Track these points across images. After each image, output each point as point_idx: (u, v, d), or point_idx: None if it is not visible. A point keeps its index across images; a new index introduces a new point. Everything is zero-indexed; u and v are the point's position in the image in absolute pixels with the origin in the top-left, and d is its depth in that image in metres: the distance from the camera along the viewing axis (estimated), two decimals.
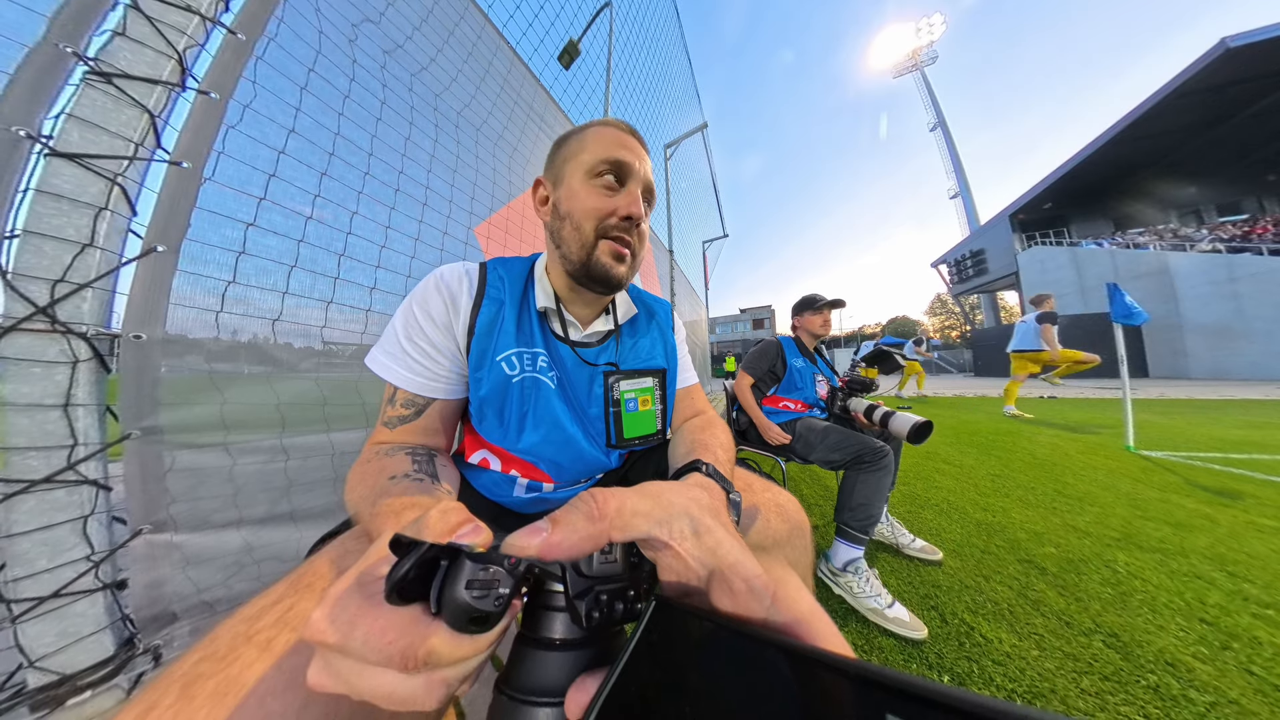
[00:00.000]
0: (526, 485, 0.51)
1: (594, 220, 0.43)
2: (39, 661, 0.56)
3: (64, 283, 0.59)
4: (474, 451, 0.51)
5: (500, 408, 0.46)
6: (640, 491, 0.20)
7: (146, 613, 0.65)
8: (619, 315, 0.53)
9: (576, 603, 0.19)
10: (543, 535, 0.17)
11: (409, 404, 0.44)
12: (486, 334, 0.45)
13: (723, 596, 0.17)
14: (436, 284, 0.45)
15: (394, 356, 0.44)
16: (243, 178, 0.79)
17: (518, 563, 0.17)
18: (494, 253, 1.45)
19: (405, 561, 0.15)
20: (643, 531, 0.18)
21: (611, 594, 0.19)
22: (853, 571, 1.05)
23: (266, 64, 0.82)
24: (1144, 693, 0.75)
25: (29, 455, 0.56)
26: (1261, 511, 1.63)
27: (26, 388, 0.56)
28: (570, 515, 0.18)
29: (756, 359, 1.50)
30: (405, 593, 0.15)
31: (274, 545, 0.81)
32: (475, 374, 0.45)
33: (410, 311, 0.44)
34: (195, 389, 0.73)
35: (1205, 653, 0.85)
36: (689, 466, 0.37)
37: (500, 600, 0.16)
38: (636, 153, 0.45)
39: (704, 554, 0.18)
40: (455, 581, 0.16)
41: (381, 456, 0.38)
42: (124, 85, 0.64)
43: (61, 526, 0.58)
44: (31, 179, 0.58)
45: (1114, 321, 2.70)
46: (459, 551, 0.16)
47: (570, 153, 0.46)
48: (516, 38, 1.66)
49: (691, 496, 0.21)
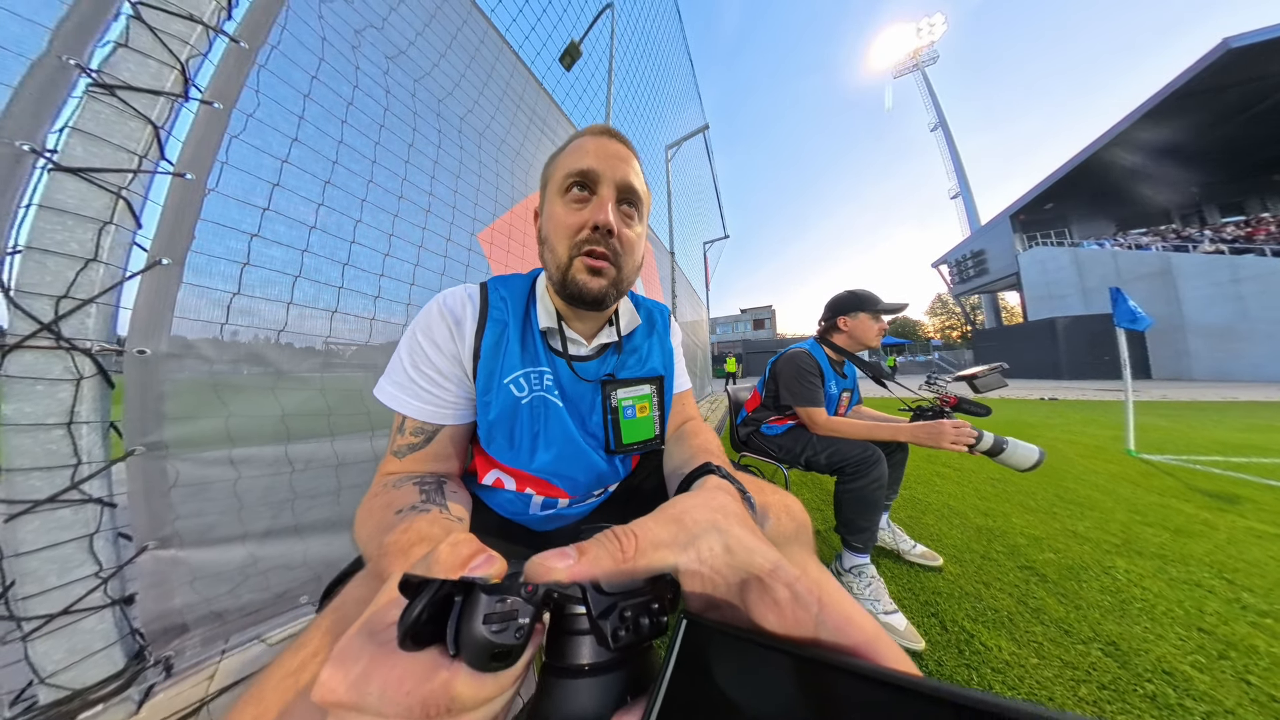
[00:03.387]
0: (542, 503, 0.51)
1: (566, 239, 0.41)
2: (49, 678, 0.56)
3: (68, 299, 0.59)
4: (487, 472, 0.51)
5: (510, 430, 0.46)
6: (662, 518, 0.20)
7: (157, 625, 0.66)
8: (622, 326, 0.52)
9: (601, 623, 0.18)
10: (570, 561, 0.17)
11: (418, 431, 0.44)
12: (492, 356, 0.45)
13: (764, 608, 0.16)
14: (440, 310, 0.45)
15: (401, 386, 0.44)
16: (247, 188, 0.79)
17: (535, 590, 0.16)
18: (497, 258, 1.44)
19: (417, 603, 0.14)
20: (669, 564, 0.18)
21: (635, 609, 0.18)
22: (856, 575, 1.06)
23: (270, 72, 0.81)
24: (1141, 701, 0.76)
25: (32, 475, 0.56)
26: (1260, 517, 1.64)
27: (30, 407, 0.56)
28: (597, 551, 0.18)
29: (811, 387, 1.22)
30: (419, 636, 0.15)
31: (281, 556, 0.81)
32: (483, 398, 0.45)
33: (415, 340, 0.44)
34: (200, 403, 0.73)
35: (1203, 661, 0.85)
36: (700, 470, 0.36)
37: (521, 632, 0.15)
38: (607, 157, 0.41)
39: (737, 566, 0.18)
40: (472, 617, 0.15)
41: (388, 490, 0.38)
42: (127, 97, 0.63)
43: (68, 545, 0.58)
44: (35, 194, 0.58)
45: (1117, 326, 2.70)
46: (473, 585, 0.16)
47: (549, 174, 0.45)
48: (519, 41, 1.65)
49: (716, 506, 0.21)
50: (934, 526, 1.55)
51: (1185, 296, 14.92)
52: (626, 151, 0.43)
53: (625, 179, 0.42)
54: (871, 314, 1.24)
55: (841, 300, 1.28)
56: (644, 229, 0.47)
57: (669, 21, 4.77)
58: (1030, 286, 21.45)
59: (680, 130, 5.24)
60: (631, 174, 0.42)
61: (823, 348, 1.32)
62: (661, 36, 4.43)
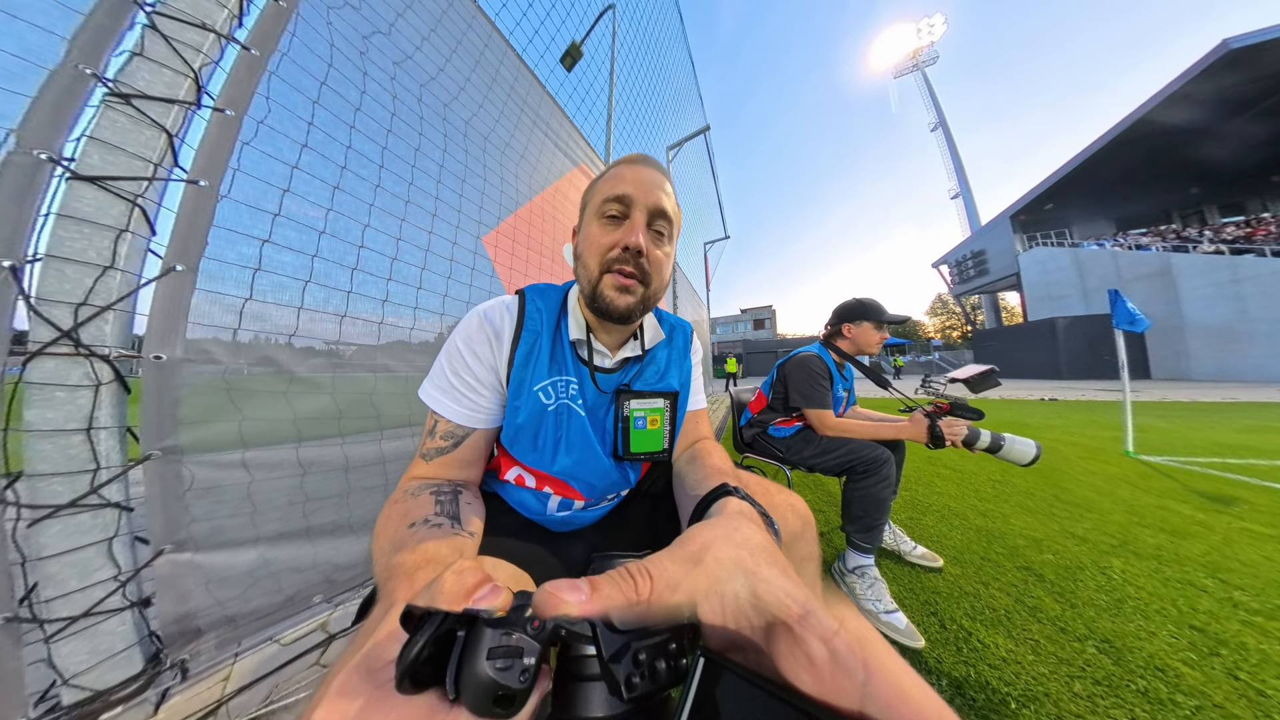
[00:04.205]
0: (559, 503, 0.53)
1: (598, 257, 0.45)
2: (73, 679, 0.57)
3: (86, 305, 0.60)
4: (508, 469, 0.54)
5: (535, 434, 0.49)
6: (680, 555, 0.19)
7: (173, 629, 0.67)
8: (646, 340, 0.55)
9: (613, 667, 0.16)
10: (581, 596, 0.16)
11: (448, 435, 0.47)
12: (524, 365, 0.48)
13: (795, 664, 0.14)
14: (480, 322, 0.48)
15: (443, 390, 0.47)
16: (258, 194, 0.80)
17: (543, 625, 0.15)
18: (502, 262, 1.45)
19: (417, 639, 0.14)
20: (686, 614, 0.17)
21: (651, 651, 0.17)
22: (859, 575, 1.08)
23: (280, 79, 0.82)
24: (1133, 696, 0.78)
25: (54, 480, 0.57)
26: (1255, 518, 1.66)
27: (51, 413, 0.57)
28: (610, 589, 0.17)
29: (822, 390, 1.26)
30: (418, 678, 0.14)
31: (292, 558, 0.82)
32: (513, 402, 0.48)
33: (457, 348, 0.47)
34: (213, 407, 0.74)
35: (1194, 658, 0.88)
36: (718, 491, 0.36)
37: (526, 675, 0.14)
38: (641, 184, 0.45)
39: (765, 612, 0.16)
40: (475, 654, 0.14)
41: (407, 498, 0.40)
42: (143, 106, 0.64)
43: (88, 548, 0.59)
44: (53, 203, 0.59)
45: (1116, 327, 2.72)
46: (476, 618, 0.15)
47: (588, 198, 0.49)
48: (523, 45, 1.65)
49: (740, 541, 0.19)
50: (934, 528, 1.56)
51: (1185, 297, 14.95)
52: (660, 177, 0.47)
53: (658, 203, 0.45)
54: (875, 323, 1.29)
55: (849, 308, 1.33)
56: (673, 248, 0.50)
57: (670, 22, 4.77)
58: (1030, 287, 21.48)
59: (681, 131, 5.24)
60: (664, 197, 0.46)
61: (829, 351, 1.35)
62: (663, 37, 4.43)
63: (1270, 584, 1.17)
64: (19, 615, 0.55)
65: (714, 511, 0.32)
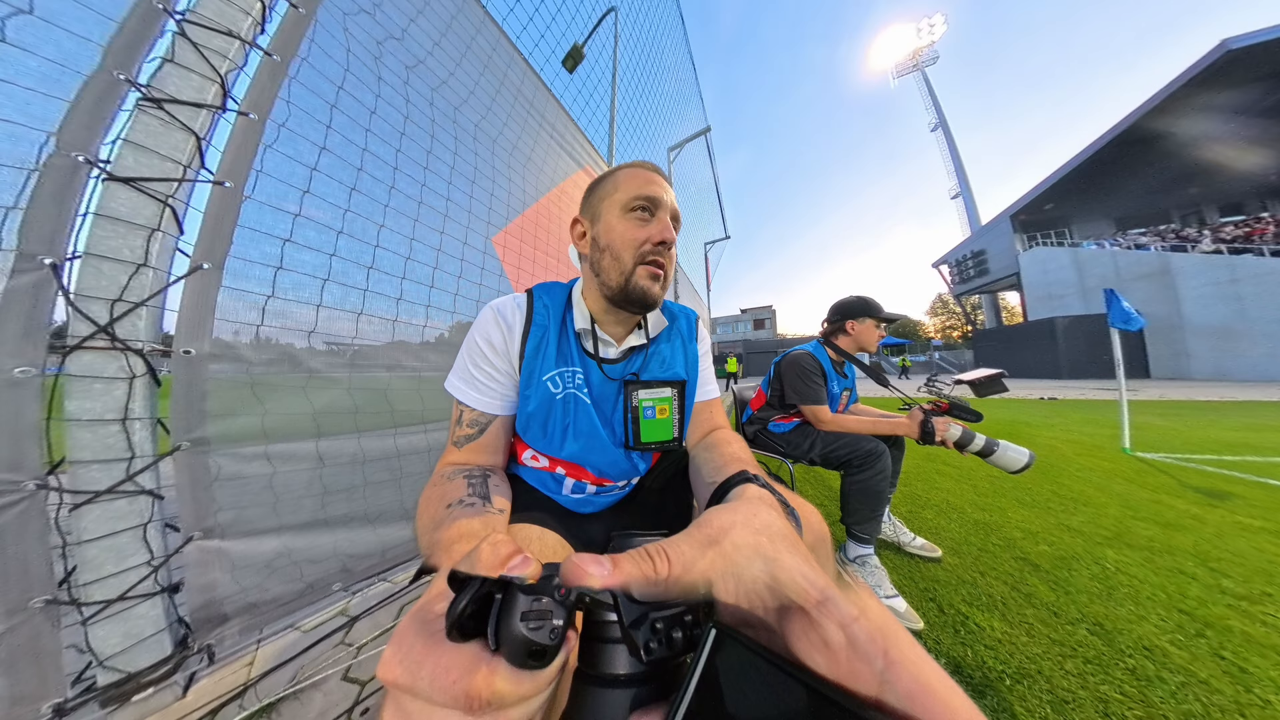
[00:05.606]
0: (573, 485, 0.56)
1: (632, 249, 0.49)
2: (107, 660, 0.60)
3: (121, 301, 0.63)
4: (524, 452, 0.57)
5: (545, 421, 0.52)
6: (697, 539, 0.19)
7: (200, 614, 0.70)
8: (650, 330, 0.58)
9: (633, 633, 0.18)
10: (604, 570, 0.17)
11: (474, 423, 0.50)
12: (533, 356, 0.51)
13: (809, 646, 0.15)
14: (494, 317, 0.52)
15: (465, 380, 0.51)
16: (280, 195, 0.82)
17: (568, 593, 0.17)
18: (510, 261, 1.48)
19: (461, 597, 0.15)
20: (703, 594, 0.18)
21: (668, 621, 0.18)
22: (859, 565, 1.12)
23: (300, 84, 0.85)
24: (1122, 674, 0.81)
25: (92, 468, 0.60)
26: (1248, 511, 1.69)
27: (90, 403, 0.60)
28: (629, 567, 0.18)
29: (815, 387, 1.29)
30: (464, 629, 0.16)
31: (312, 548, 0.85)
32: (525, 392, 0.51)
33: (474, 341, 0.52)
34: (238, 400, 0.76)
35: (1181, 639, 0.91)
36: (736, 478, 0.36)
37: (555, 633, 0.16)
38: (663, 187, 0.51)
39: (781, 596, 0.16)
40: (510, 614, 0.16)
41: (444, 482, 0.44)
42: (173, 110, 0.67)
43: (124, 534, 0.62)
44: (90, 203, 0.62)
45: (1111, 326, 2.75)
46: (511, 584, 0.17)
47: (605, 193, 0.52)
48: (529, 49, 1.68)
49: (760, 527, 0.20)
50: (933, 521, 1.59)
51: (1184, 296, 14.99)
52: (669, 185, 0.54)
53: (675, 205, 0.53)
54: (875, 320, 1.31)
55: (850, 305, 1.34)
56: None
57: (671, 24, 4.80)
58: (1030, 286, 21.52)
59: (682, 132, 5.27)
60: (675, 202, 0.53)
61: (826, 349, 1.37)
62: (664, 39, 4.46)
63: (1257, 571, 1.20)
64: (58, 598, 0.57)
65: (732, 497, 0.32)
